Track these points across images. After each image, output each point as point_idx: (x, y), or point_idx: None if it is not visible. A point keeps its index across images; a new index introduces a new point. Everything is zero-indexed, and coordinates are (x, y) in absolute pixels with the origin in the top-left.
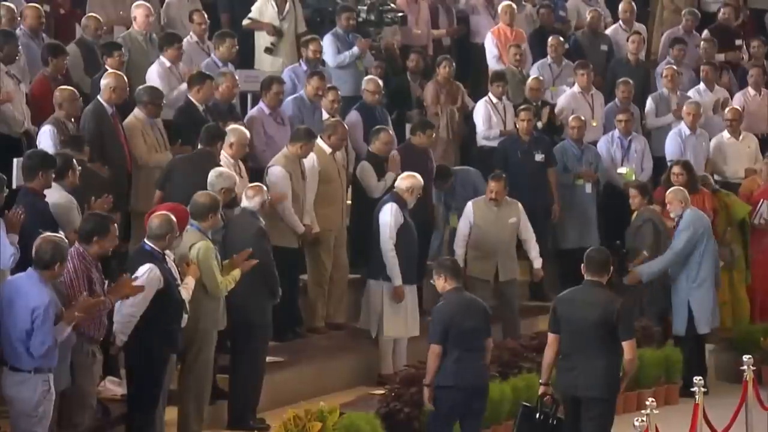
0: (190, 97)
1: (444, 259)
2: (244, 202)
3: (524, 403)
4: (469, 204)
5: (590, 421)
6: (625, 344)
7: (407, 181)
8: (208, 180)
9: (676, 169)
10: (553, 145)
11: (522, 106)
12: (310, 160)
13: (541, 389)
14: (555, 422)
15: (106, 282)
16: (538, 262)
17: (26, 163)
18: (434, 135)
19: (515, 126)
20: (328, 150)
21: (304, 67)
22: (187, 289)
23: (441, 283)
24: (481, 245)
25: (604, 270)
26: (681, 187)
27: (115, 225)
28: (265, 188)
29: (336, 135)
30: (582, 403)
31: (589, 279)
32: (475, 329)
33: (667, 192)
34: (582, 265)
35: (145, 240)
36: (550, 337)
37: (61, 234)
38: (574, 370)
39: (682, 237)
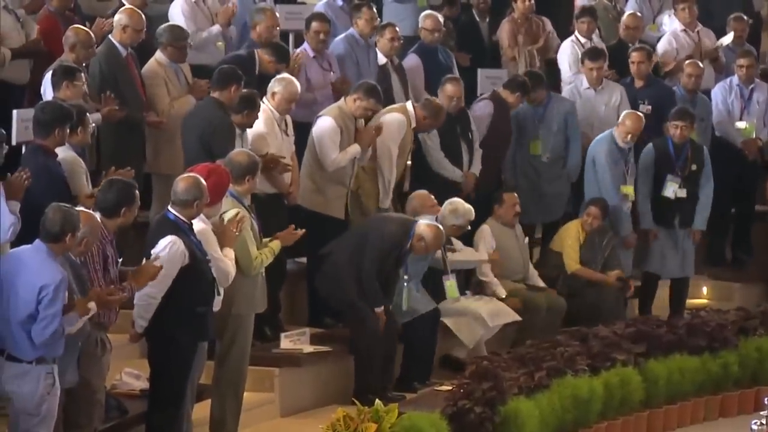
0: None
1: None
2: None
3: None
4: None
5: None
6: None
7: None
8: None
9: None
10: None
11: (636, 47)
12: (396, 127)
13: None
14: None
15: (121, 259)
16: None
17: (40, 117)
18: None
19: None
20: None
21: (339, 2)
22: (231, 261)
23: None
24: None
25: None
26: None
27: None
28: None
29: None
30: None
31: None
32: None
33: None
34: None
35: (169, 207)
36: None
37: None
38: None
39: None
